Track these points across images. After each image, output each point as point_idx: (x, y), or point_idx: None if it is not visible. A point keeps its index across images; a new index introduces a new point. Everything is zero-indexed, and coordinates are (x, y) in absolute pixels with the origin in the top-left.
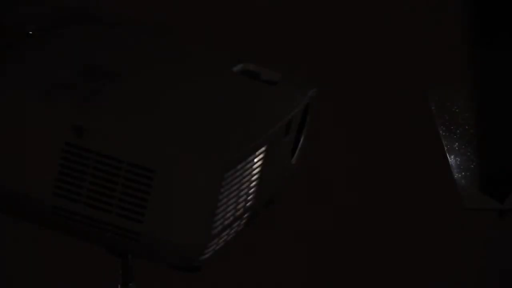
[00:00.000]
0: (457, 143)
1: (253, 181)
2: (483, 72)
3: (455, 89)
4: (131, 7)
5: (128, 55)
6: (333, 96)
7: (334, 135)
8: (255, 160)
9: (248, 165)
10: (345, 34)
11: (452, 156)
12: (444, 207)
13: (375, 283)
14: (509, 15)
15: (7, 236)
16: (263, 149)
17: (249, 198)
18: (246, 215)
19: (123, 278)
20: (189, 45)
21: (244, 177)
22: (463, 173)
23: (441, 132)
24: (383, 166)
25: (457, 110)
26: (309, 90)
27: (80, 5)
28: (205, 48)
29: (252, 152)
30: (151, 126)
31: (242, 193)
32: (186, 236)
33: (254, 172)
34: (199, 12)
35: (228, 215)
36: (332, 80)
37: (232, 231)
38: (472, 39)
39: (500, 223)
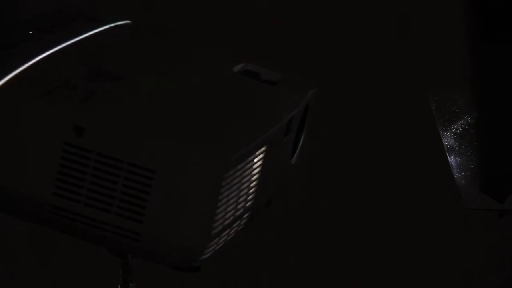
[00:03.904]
0: (457, 143)
1: (253, 181)
2: (484, 72)
3: (455, 89)
4: (131, 7)
5: (128, 55)
6: (333, 96)
7: (334, 135)
8: (255, 160)
9: (248, 165)
10: (345, 34)
11: (452, 156)
12: (444, 207)
13: (375, 283)
14: (510, 15)
15: (7, 236)
16: (263, 149)
17: (249, 198)
18: (246, 215)
19: (123, 278)
20: (189, 45)
21: (244, 177)
22: (463, 173)
23: (441, 132)
24: (383, 166)
25: (457, 110)
26: (309, 90)
27: (80, 5)
28: (205, 48)
29: (252, 152)
30: (151, 126)
31: (242, 193)
32: (186, 236)
33: (254, 172)
34: (199, 12)
35: (228, 215)
36: (332, 80)
37: (232, 231)
38: (473, 39)
39: (500, 223)
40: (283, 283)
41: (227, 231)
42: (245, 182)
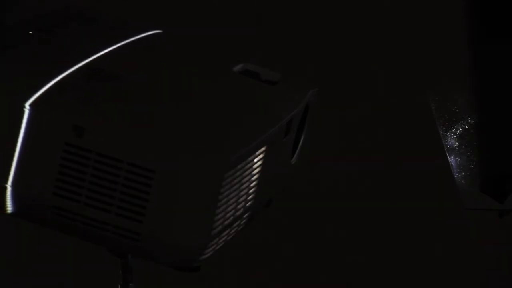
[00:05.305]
0: (457, 143)
1: (253, 181)
2: (484, 72)
3: (455, 89)
4: (131, 7)
5: (128, 55)
6: (333, 96)
7: (334, 135)
8: (255, 160)
9: (248, 165)
10: (345, 34)
11: (452, 156)
12: (444, 207)
13: (375, 283)
14: (510, 15)
15: (7, 236)
16: (263, 149)
17: (249, 198)
18: (246, 215)
19: (123, 278)
20: (189, 45)
21: (244, 177)
22: (463, 173)
23: (441, 132)
24: (383, 166)
25: (457, 110)
26: (309, 90)
27: (80, 5)
28: (205, 48)
29: (252, 152)
30: (151, 126)
31: (242, 193)
32: (186, 236)
33: (254, 172)
34: (199, 12)
35: (228, 215)
36: (332, 80)
37: (232, 231)
38: (473, 39)
39: (500, 223)
40: (283, 283)
41: (227, 231)
42: (245, 182)
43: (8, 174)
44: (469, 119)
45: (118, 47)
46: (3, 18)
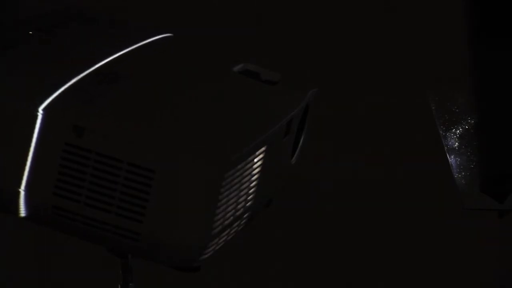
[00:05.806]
0: (457, 143)
1: (253, 181)
2: (484, 72)
3: (455, 89)
4: (131, 7)
5: (128, 56)
6: (333, 96)
7: (334, 135)
8: (255, 160)
9: (248, 165)
10: (345, 34)
11: (452, 156)
12: (444, 207)
13: (375, 283)
14: (510, 15)
15: (7, 236)
16: (263, 149)
17: (249, 198)
18: (246, 215)
19: (123, 278)
20: (189, 45)
21: (244, 177)
22: (463, 173)
23: (441, 132)
24: (383, 166)
25: (457, 110)
26: (309, 90)
27: (80, 5)
28: (205, 49)
29: (252, 152)
30: (151, 126)
31: (242, 193)
32: (186, 236)
33: (254, 172)
34: (199, 12)
35: (228, 215)
36: (332, 80)
37: (232, 231)
38: (473, 39)
39: (500, 223)
40: (283, 283)
41: (227, 231)
42: (245, 182)
43: (21, 178)
44: (469, 119)
45: (118, 47)
46: (3, 18)
